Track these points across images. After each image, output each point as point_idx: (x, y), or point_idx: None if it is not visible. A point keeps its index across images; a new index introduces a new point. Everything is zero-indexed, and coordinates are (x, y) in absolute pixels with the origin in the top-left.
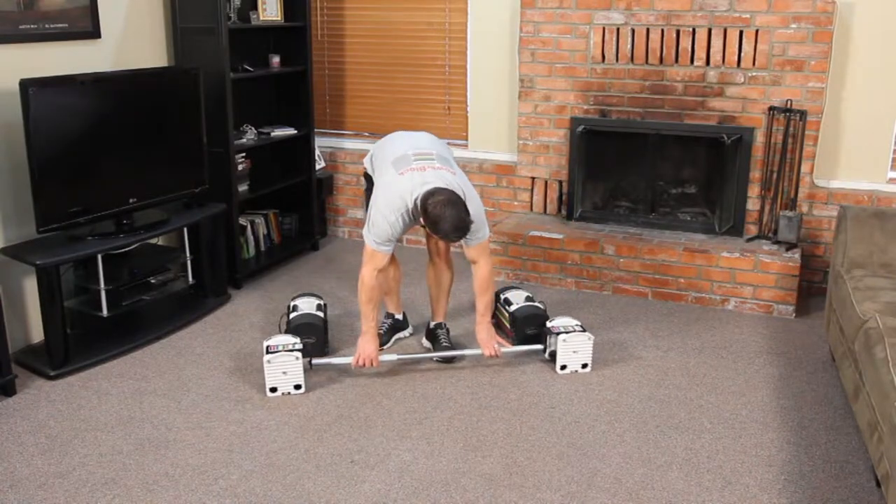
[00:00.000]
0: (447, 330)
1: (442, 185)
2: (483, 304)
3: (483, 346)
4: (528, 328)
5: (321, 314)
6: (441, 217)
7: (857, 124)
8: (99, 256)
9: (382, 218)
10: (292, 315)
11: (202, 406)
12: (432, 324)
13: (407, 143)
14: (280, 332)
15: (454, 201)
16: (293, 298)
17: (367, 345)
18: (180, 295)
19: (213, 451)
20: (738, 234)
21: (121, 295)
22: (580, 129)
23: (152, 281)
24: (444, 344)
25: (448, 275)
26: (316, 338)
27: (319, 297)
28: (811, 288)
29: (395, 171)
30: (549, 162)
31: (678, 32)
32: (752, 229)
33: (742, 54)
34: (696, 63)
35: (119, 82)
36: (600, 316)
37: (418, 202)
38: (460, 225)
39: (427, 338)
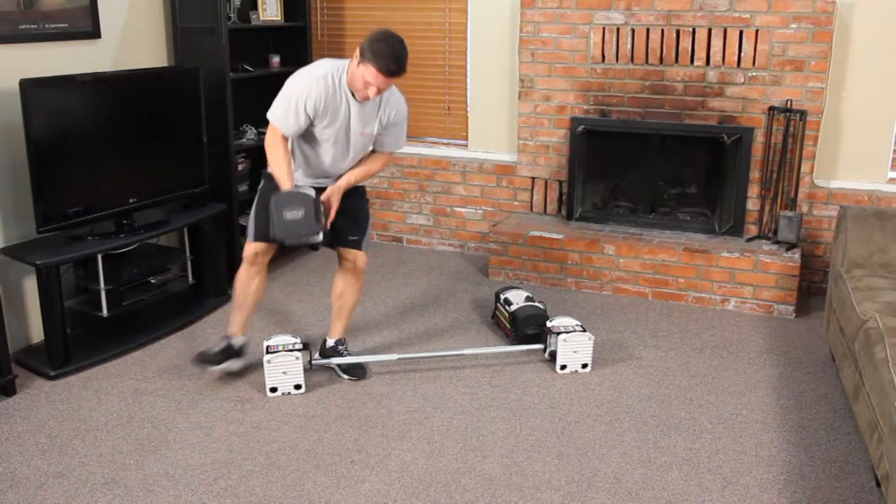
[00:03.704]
0: (347, 346)
1: None
2: (355, 174)
3: (330, 192)
4: (528, 328)
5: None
6: (388, 43)
7: (857, 124)
8: (99, 256)
9: (297, 81)
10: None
11: (202, 406)
12: (332, 340)
13: None
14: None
15: (401, 40)
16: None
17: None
18: (180, 295)
19: (213, 451)
20: (738, 234)
21: (121, 295)
22: (580, 129)
23: (152, 281)
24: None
25: (356, 293)
26: (304, 209)
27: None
28: (811, 288)
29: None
30: (549, 162)
31: (678, 32)
32: (752, 229)
33: (742, 54)
34: (696, 63)
35: (119, 82)
36: (600, 316)
37: (353, 58)
38: (403, 59)
39: (323, 356)
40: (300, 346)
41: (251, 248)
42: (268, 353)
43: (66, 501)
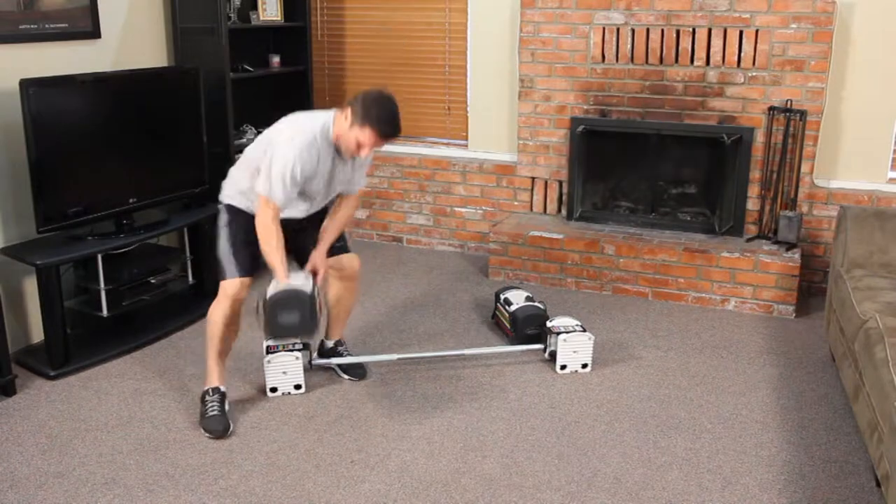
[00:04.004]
0: (346, 346)
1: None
2: (333, 232)
3: (314, 262)
4: (528, 328)
5: (307, 289)
6: (382, 105)
7: (857, 124)
8: (99, 256)
9: (288, 151)
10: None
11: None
12: (331, 342)
13: None
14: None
15: (393, 100)
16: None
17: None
18: (180, 295)
19: (213, 451)
20: (738, 234)
21: (121, 295)
22: (580, 129)
23: (152, 281)
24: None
25: (353, 296)
26: (300, 312)
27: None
28: (811, 288)
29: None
30: (549, 162)
31: (678, 32)
32: (752, 229)
33: (742, 54)
34: (696, 63)
35: (119, 82)
36: (600, 316)
37: (341, 116)
38: (399, 120)
39: (323, 357)
40: (300, 346)
41: (236, 282)
42: (268, 353)
43: (66, 501)
